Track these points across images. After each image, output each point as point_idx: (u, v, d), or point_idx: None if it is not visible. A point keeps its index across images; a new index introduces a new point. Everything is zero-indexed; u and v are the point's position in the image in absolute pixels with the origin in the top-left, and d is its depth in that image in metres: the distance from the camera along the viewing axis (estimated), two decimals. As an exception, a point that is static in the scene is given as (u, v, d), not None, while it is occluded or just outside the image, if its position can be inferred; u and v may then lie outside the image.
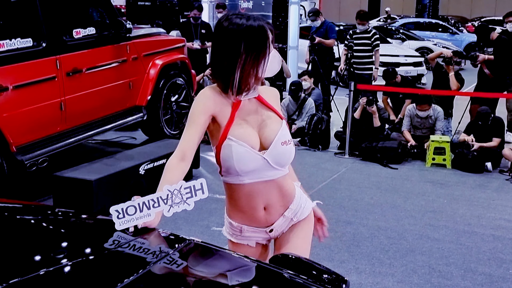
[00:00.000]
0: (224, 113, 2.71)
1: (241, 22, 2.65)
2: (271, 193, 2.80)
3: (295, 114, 9.94)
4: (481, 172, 8.42)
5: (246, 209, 2.82)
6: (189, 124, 2.74)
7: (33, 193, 6.95)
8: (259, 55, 2.67)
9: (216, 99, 2.72)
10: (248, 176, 2.73)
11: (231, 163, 2.68)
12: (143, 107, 8.46)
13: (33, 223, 2.65)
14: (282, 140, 2.75)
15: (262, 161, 2.71)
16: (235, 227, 2.88)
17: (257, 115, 2.78)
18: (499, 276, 5.24)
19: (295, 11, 13.80)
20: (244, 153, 2.67)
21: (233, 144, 2.66)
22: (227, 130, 2.68)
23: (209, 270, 2.31)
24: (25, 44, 6.49)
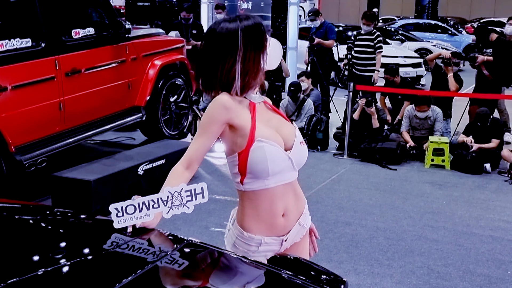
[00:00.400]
0: (244, 117, 2.65)
1: (235, 24, 2.63)
2: (288, 197, 2.77)
3: (294, 114, 9.93)
4: (480, 173, 8.42)
5: (267, 217, 2.73)
6: (201, 131, 2.67)
7: (32, 193, 6.95)
8: (258, 46, 2.65)
9: (232, 105, 2.63)
10: (274, 178, 2.67)
11: (265, 165, 2.61)
12: (142, 107, 8.45)
13: (32, 223, 2.65)
14: (300, 140, 2.76)
15: (288, 162, 2.68)
16: (255, 240, 2.74)
17: (271, 118, 2.76)
18: (497, 277, 5.24)
19: (294, 12, 13.81)
20: (277, 152, 2.63)
21: (264, 145, 2.60)
22: (253, 133, 2.61)
23: (209, 270, 2.31)
24: (24, 44, 6.49)
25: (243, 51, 2.62)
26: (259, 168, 2.62)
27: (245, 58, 2.62)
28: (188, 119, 9.48)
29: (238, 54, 2.61)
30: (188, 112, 9.49)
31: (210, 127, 2.64)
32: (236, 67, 2.62)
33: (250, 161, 2.61)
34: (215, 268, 2.34)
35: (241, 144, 2.63)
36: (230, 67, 2.62)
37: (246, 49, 2.62)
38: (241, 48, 2.61)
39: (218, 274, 2.29)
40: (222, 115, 2.61)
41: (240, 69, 2.62)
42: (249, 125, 2.63)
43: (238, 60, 2.62)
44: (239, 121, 2.63)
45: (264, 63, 2.69)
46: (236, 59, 2.61)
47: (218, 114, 2.62)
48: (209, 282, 2.18)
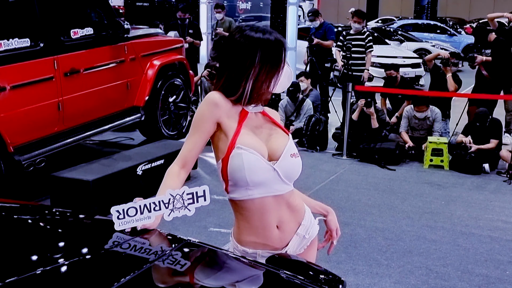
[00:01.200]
0: (231, 122, 2.61)
1: (258, 35, 2.60)
2: (281, 210, 2.69)
3: (293, 115, 9.93)
4: (479, 173, 8.42)
5: (259, 229, 2.67)
6: (193, 130, 2.65)
7: (31, 193, 6.94)
8: (273, 68, 2.62)
9: (224, 106, 2.60)
10: (258, 190, 2.60)
11: (242, 174, 2.55)
12: (141, 107, 8.45)
13: (31, 223, 2.64)
14: (291, 152, 2.67)
15: (273, 173, 2.60)
16: (250, 254, 2.68)
17: (264, 128, 2.71)
18: (496, 277, 5.24)
19: (293, 12, 13.78)
20: (255, 161, 2.56)
21: (243, 152, 2.55)
22: (235, 139, 2.57)
23: (207, 270, 2.31)
24: (23, 44, 6.49)
25: (258, 68, 2.59)
26: (238, 176, 2.57)
27: (258, 75, 2.59)
28: (187, 119, 9.47)
29: (253, 69, 2.59)
30: (187, 112, 9.50)
31: (202, 124, 2.62)
32: (248, 81, 2.59)
33: (229, 168, 2.57)
34: (214, 268, 2.34)
35: (223, 150, 2.60)
36: (241, 79, 2.59)
37: (262, 67, 2.59)
38: (258, 65, 2.59)
39: (217, 273, 2.29)
40: (213, 112, 2.59)
41: (250, 84, 2.60)
42: (233, 131, 2.59)
43: (251, 77, 2.59)
44: (226, 123, 2.61)
45: (275, 86, 2.67)
46: (250, 75, 2.59)
47: (209, 111, 2.60)
48: (208, 282, 2.18)
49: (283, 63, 2.65)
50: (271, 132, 2.71)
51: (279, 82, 2.67)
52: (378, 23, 29.45)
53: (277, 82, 2.66)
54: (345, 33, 11.18)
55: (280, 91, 2.76)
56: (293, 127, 9.69)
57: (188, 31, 11.85)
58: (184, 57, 9.60)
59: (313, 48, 11.50)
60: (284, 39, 2.68)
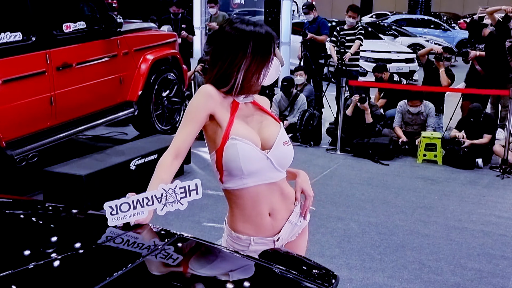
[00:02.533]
0: (223, 113, 2.65)
1: (249, 28, 2.64)
2: (274, 197, 2.75)
3: (286, 110, 9.93)
4: (472, 168, 8.44)
5: (252, 217, 2.73)
6: (187, 120, 2.67)
7: (23, 188, 6.92)
8: (264, 60, 2.66)
9: (216, 97, 2.65)
10: (252, 178, 2.65)
11: (237, 163, 2.59)
12: (134, 102, 8.43)
13: (23, 217, 2.64)
14: (283, 140, 2.72)
15: (266, 161, 2.65)
16: (243, 240, 2.75)
17: (255, 117, 2.75)
18: (488, 271, 5.25)
19: (288, 7, 13.80)
20: (250, 151, 2.61)
21: (237, 142, 2.59)
22: (228, 130, 2.61)
23: (200, 264, 2.31)
24: (15, 38, 6.45)
25: (250, 59, 2.63)
26: (233, 166, 2.61)
27: (250, 66, 2.63)
28: (181, 114, 9.45)
29: (245, 60, 2.62)
30: (180, 107, 9.48)
31: (196, 115, 2.64)
32: (240, 72, 2.62)
33: (224, 158, 2.61)
34: (207, 263, 2.34)
35: (217, 141, 2.64)
36: (232, 70, 2.63)
37: (253, 60, 2.63)
38: (249, 56, 2.62)
39: (210, 268, 2.28)
40: (207, 102, 2.63)
41: (242, 75, 2.63)
42: (226, 122, 2.63)
43: (243, 67, 2.62)
44: (219, 113, 2.65)
45: (264, 77, 2.70)
46: (241, 66, 2.62)
47: (203, 102, 2.64)
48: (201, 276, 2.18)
49: (272, 55, 2.70)
50: (263, 121, 2.76)
51: (268, 74, 2.71)
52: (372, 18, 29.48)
53: (267, 73, 2.70)
54: (339, 28, 11.17)
55: (268, 83, 2.79)
56: (287, 122, 9.69)
57: (181, 25, 11.82)
58: (178, 51, 9.58)
59: (307, 43, 11.50)
60: (274, 32, 2.72)
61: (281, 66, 11.22)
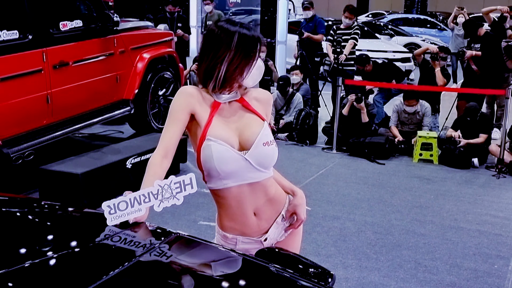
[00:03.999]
0: (203, 113, 2.69)
1: (234, 28, 2.67)
2: (257, 197, 2.76)
3: (283, 109, 9.93)
4: (468, 168, 8.45)
5: (237, 216, 2.76)
6: (170, 120, 2.72)
7: (19, 186, 6.92)
8: (247, 56, 2.67)
9: (197, 98, 2.70)
10: (231, 179, 2.68)
11: (212, 164, 2.63)
12: (130, 100, 8.42)
13: (19, 215, 2.63)
14: (264, 140, 2.70)
15: (244, 162, 2.66)
16: (230, 239, 2.79)
17: (237, 118, 2.75)
18: (484, 271, 5.26)
19: (284, 6, 13.79)
20: (224, 151, 2.63)
21: (212, 143, 2.62)
22: (205, 131, 2.64)
23: (196, 263, 2.31)
24: (11, 36, 6.44)
25: (233, 53, 2.64)
26: (208, 167, 2.66)
27: (232, 61, 2.64)
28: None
29: (228, 54, 2.64)
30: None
31: (178, 114, 2.69)
32: (222, 65, 2.64)
33: (202, 159, 2.67)
34: (202, 261, 2.34)
35: (196, 141, 2.70)
36: (216, 62, 2.65)
37: (236, 54, 2.64)
38: (233, 50, 2.64)
39: (206, 266, 2.29)
40: (187, 101, 2.68)
41: (225, 68, 2.64)
42: (204, 122, 2.67)
43: (226, 60, 2.64)
44: (199, 114, 2.68)
45: (246, 75, 2.70)
46: (224, 58, 2.64)
47: (183, 101, 2.69)
48: (197, 275, 2.18)
49: (256, 55, 2.71)
50: (244, 120, 2.76)
51: (250, 74, 2.71)
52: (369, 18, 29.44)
53: (250, 72, 2.70)
54: (335, 27, 11.18)
55: (251, 84, 2.79)
56: (283, 121, 9.70)
57: (177, 24, 11.81)
58: (174, 50, 9.57)
59: (303, 42, 11.49)
60: (261, 35, 2.75)
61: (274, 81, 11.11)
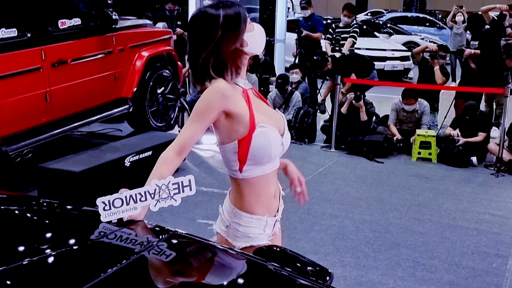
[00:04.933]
0: (241, 104, 2.64)
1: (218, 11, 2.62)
2: (275, 182, 2.85)
3: (281, 107, 9.93)
4: (467, 166, 8.45)
5: (266, 200, 2.79)
6: (197, 118, 2.63)
7: (18, 184, 6.92)
8: (236, 29, 2.61)
9: (230, 92, 2.62)
10: (271, 164, 2.73)
11: (268, 150, 2.64)
12: (129, 99, 8.41)
13: (18, 213, 2.63)
14: (287, 128, 2.84)
15: (281, 147, 2.74)
16: (262, 222, 2.79)
17: (261, 105, 2.79)
18: (482, 269, 5.27)
19: (283, 4, 13.77)
20: (277, 137, 2.68)
21: (267, 130, 2.64)
22: (253, 119, 2.62)
23: (194, 261, 2.31)
24: (10, 34, 6.43)
25: (220, 33, 2.59)
26: (262, 153, 2.65)
27: (224, 37, 2.60)
28: (175, 111, 9.44)
29: (217, 36, 2.59)
30: (175, 104, 9.46)
31: (207, 114, 2.61)
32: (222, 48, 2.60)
33: (253, 146, 2.62)
34: (201, 259, 2.34)
35: (241, 131, 2.62)
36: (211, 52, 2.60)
37: (224, 32, 2.60)
38: (220, 30, 2.59)
39: (204, 265, 2.29)
40: (220, 102, 2.60)
41: (224, 51, 2.61)
42: (247, 112, 2.63)
43: (220, 43, 2.60)
44: (236, 108, 2.62)
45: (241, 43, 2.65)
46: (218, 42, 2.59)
47: (216, 101, 2.60)
48: (195, 273, 2.18)
49: (244, 22, 2.65)
50: (266, 108, 2.81)
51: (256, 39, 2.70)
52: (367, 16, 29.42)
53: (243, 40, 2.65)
54: (334, 25, 11.19)
55: (261, 48, 2.79)
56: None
57: (176, 22, 11.82)
58: (173, 48, 9.57)
59: (302, 40, 11.49)
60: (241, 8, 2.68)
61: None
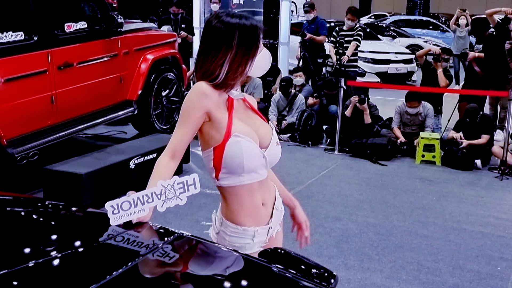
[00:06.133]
0: (221, 110, 2.66)
1: (234, 20, 2.66)
2: (263, 190, 2.80)
3: (285, 110, 9.95)
4: (471, 169, 8.45)
5: (251, 209, 2.77)
6: (183, 120, 2.68)
7: (24, 186, 6.93)
8: (249, 52, 2.67)
9: (212, 95, 2.65)
10: (249, 175, 2.69)
11: (240, 160, 2.62)
12: (133, 101, 8.45)
13: (23, 215, 2.65)
14: (276, 140, 2.78)
15: (262, 160, 2.70)
16: (249, 232, 2.77)
17: (248, 115, 2.78)
18: (487, 273, 5.27)
19: (286, 7, 13.79)
20: (253, 148, 2.64)
21: (241, 140, 2.61)
22: (230, 127, 2.62)
23: (199, 263, 2.32)
24: (17, 37, 6.47)
25: (235, 50, 2.64)
26: (235, 162, 2.63)
27: (235, 58, 2.64)
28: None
29: (230, 52, 2.63)
30: (179, 106, 9.47)
31: (191, 114, 2.65)
32: (225, 64, 2.64)
33: (226, 155, 2.63)
34: (205, 261, 2.35)
35: (216, 138, 2.65)
36: (219, 61, 2.64)
37: (238, 50, 2.64)
38: (234, 47, 2.63)
39: (208, 266, 2.30)
40: (201, 101, 2.63)
41: (227, 67, 2.64)
42: (225, 119, 2.65)
43: (228, 58, 2.64)
44: (215, 111, 2.65)
45: (249, 68, 2.71)
46: (227, 57, 2.63)
47: (197, 101, 2.64)
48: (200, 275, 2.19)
49: (258, 47, 2.71)
50: (255, 120, 2.80)
51: (258, 64, 2.73)
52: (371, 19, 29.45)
53: (252, 65, 2.70)
54: (338, 28, 11.20)
55: (260, 74, 2.84)
56: (285, 122, 9.72)
57: (180, 25, 11.85)
58: (177, 51, 9.60)
59: (306, 43, 11.51)
60: (260, 24, 2.74)
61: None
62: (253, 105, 2.86)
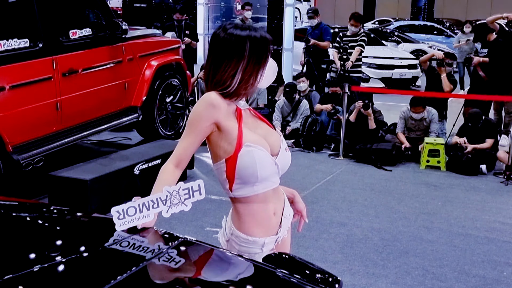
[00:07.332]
0: (230, 121, 2.67)
1: (244, 33, 2.67)
2: (275, 198, 2.82)
3: (289, 115, 9.95)
4: (476, 174, 8.43)
5: (263, 220, 2.77)
6: (189, 130, 2.68)
7: (29, 193, 6.95)
8: (260, 63, 2.69)
9: (221, 105, 2.65)
10: (262, 184, 2.69)
11: (254, 170, 2.62)
12: (138, 107, 8.47)
13: (29, 220, 2.65)
14: (285, 146, 2.81)
15: (274, 167, 2.72)
16: (259, 243, 2.78)
17: (257, 124, 2.79)
18: (493, 278, 5.25)
19: (290, 14, 13.84)
20: (265, 157, 2.65)
21: (253, 149, 2.62)
22: (241, 138, 2.63)
23: (204, 268, 2.33)
24: (22, 44, 6.50)
25: (246, 61, 2.65)
26: (248, 173, 2.64)
27: (246, 68, 2.66)
28: (184, 120, 9.48)
29: (241, 63, 2.65)
30: (184, 112, 9.51)
31: (199, 124, 2.65)
32: (237, 74, 2.65)
33: (239, 166, 2.63)
34: (210, 266, 2.35)
35: (228, 150, 2.65)
36: (231, 72, 2.65)
37: (249, 61, 2.66)
38: (246, 58, 2.65)
39: (213, 271, 2.30)
40: (210, 112, 2.63)
41: (239, 77, 2.65)
42: (235, 130, 2.65)
43: (240, 69, 2.65)
44: (225, 122, 2.65)
45: (260, 79, 2.73)
46: (239, 67, 2.65)
47: (206, 111, 2.64)
48: (205, 280, 2.20)
49: (268, 57, 2.74)
50: (263, 128, 2.81)
51: (266, 75, 2.75)
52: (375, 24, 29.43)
53: (263, 75, 2.73)
54: (341, 34, 11.21)
55: (266, 85, 2.85)
56: (289, 128, 9.72)
57: (184, 32, 11.90)
58: (182, 57, 9.62)
59: (310, 49, 11.52)
60: (268, 35, 2.76)
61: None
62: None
